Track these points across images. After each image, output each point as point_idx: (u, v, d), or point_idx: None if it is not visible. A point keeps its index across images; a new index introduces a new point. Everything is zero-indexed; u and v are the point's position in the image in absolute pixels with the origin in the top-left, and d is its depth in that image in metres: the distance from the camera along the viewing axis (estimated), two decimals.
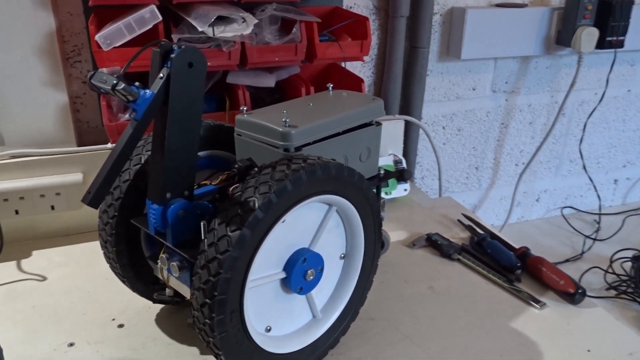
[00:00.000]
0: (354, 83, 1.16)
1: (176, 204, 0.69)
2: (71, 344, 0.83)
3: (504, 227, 1.65)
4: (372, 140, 0.89)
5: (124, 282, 0.83)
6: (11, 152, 1.07)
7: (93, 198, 0.62)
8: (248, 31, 0.94)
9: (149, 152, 0.78)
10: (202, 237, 0.66)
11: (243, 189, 0.65)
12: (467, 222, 1.20)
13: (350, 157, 0.86)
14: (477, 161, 1.62)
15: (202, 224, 0.67)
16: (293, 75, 1.16)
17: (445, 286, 0.99)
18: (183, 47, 0.65)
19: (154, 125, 0.68)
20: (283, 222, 0.68)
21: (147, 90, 0.63)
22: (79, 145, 1.13)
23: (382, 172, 0.94)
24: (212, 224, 0.64)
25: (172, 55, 0.64)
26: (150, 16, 0.92)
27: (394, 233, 1.16)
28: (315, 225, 0.75)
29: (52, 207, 1.09)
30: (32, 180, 1.06)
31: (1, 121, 1.06)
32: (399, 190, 1.30)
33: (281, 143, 0.76)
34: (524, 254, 1.04)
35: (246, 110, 0.82)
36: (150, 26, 0.93)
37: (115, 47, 0.94)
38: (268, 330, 0.73)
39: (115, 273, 0.82)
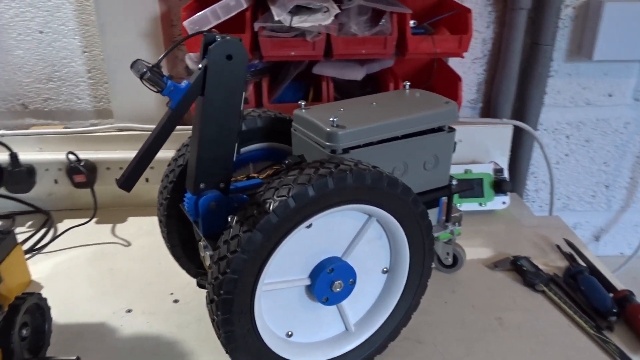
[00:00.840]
0: (450, 81, 1.06)
1: (208, 195, 0.69)
2: (129, 310, 0.89)
3: (631, 259, 1.41)
4: (441, 147, 0.80)
5: (176, 261, 0.86)
6: (118, 125, 1.18)
7: (125, 181, 0.64)
8: (328, 21, 0.90)
9: None
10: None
11: (265, 188, 0.63)
12: (567, 250, 1.04)
13: (412, 164, 0.79)
14: (609, 178, 1.40)
15: (229, 218, 0.66)
16: (386, 69, 1.10)
17: (516, 320, 0.87)
18: (223, 38, 0.63)
19: (194, 116, 0.68)
20: (308, 227, 0.64)
21: (185, 81, 0.63)
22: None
23: (454, 182, 0.85)
24: (231, 221, 0.63)
25: (210, 47, 0.63)
26: (235, 4, 0.93)
27: (477, 250, 1.05)
28: (350, 234, 0.70)
29: (147, 179, 1.17)
30: (132, 153, 1.15)
31: (111, 97, 1.17)
32: (496, 203, 1.18)
33: (327, 143, 0.72)
34: (624, 299, 0.87)
35: (305, 105, 0.79)
36: (234, 13, 0.94)
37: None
38: (289, 335, 0.71)
39: (169, 251, 0.86)
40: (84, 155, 1.13)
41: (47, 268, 1.00)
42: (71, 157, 1.12)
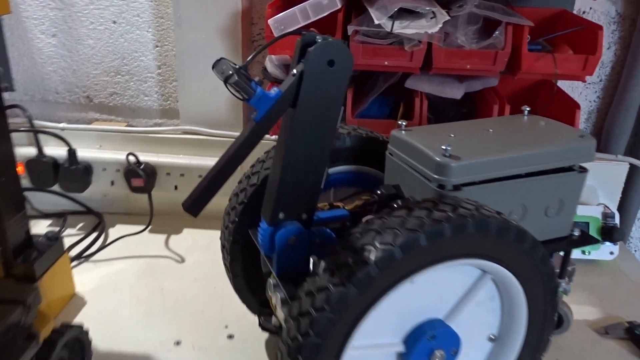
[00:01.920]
0: (566, 108, 0.91)
1: (287, 227, 0.57)
2: (178, 343, 0.78)
3: None
4: (569, 190, 0.66)
5: (236, 293, 0.75)
6: (184, 128, 1.08)
7: (193, 204, 0.53)
8: (435, 29, 0.77)
9: None
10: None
11: (363, 230, 0.50)
12: None
13: (532, 208, 0.64)
14: None
15: (311, 259, 0.54)
16: (488, 89, 0.95)
17: None
18: (326, 40, 0.51)
19: (280, 130, 0.57)
20: (411, 283, 0.51)
21: (275, 89, 0.52)
22: None
23: (576, 233, 0.70)
24: (318, 265, 0.50)
25: (310, 49, 0.51)
26: (328, 2, 0.81)
27: (582, 308, 0.88)
28: (458, 293, 0.56)
29: None
30: (195, 159, 1.06)
31: (179, 96, 1.08)
32: (603, 252, 1.01)
33: (435, 176, 0.58)
34: None
35: (406, 126, 0.66)
36: (327, 13, 0.83)
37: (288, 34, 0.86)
38: None
39: (230, 282, 0.74)
40: (144, 157, 1.05)
41: (93, 280, 0.91)
42: (131, 158, 1.03)
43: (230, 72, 0.48)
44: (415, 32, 0.78)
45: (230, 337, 0.80)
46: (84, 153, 1.04)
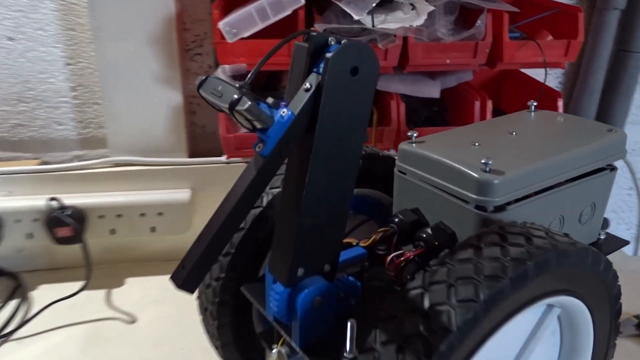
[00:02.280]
0: (547, 98, 0.85)
1: (311, 287, 0.44)
2: None
3: None
4: (601, 192, 0.58)
5: None
6: (115, 159, 0.90)
7: (189, 277, 0.39)
8: (420, 22, 0.67)
9: (276, 189, 0.55)
10: (347, 348, 0.40)
11: (426, 283, 0.38)
12: None
13: (568, 217, 0.56)
14: None
15: (349, 324, 0.42)
16: (462, 84, 0.87)
17: None
18: (345, 42, 0.39)
19: (288, 162, 0.44)
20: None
21: (284, 110, 0.39)
22: (190, 154, 0.94)
23: (602, 236, 0.63)
24: (371, 339, 0.38)
25: (328, 55, 0.38)
26: None
27: None
28: (524, 335, 0.46)
29: (153, 229, 0.90)
30: (133, 195, 0.88)
31: (106, 122, 0.90)
32: None
33: (475, 197, 0.48)
34: None
35: (416, 137, 0.55)
36: (290, 11, 0.70)
37: (242, 39, 0.72)
38: None
39: (216, 351, 0.60)
40: (69, 200, 0.86)
41: None
42: (53, 203, 0.84)
43: (236, 95, 0.34)
44: (399, 26, 0.67)
45: None
46: None
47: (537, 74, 1.02)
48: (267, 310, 0.48)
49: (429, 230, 0.50)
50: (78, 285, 0.84)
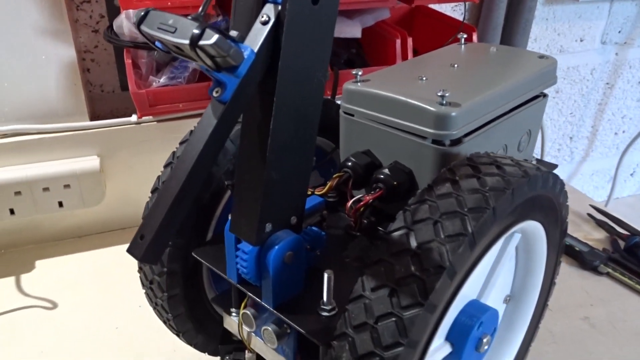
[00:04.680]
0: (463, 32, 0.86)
1: (282, 243, 0.40)
2: None
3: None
4: (535, 119, 0.60)
5: (177, 335, 0.55)
6: (4, 129, 0.78)
7: (149, 248, 0.34)
8: None
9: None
10: (324, 300, 0.38)
11: (409, 223, 0.37)
12: (600, 218, 0.92)
13: (510, 146, 0.57)
14: (573, 130, 1.33)
15: (325, 276, 0.40)
16: (379, 23, 0.85)
17: (604, 316, 0.72)
18: None
19: (245, 113, 0.39)
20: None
21: (245, 47, 0.34)
22: (92, 118, 0.84)
23: (534, 162, 0.66)
24: (358, 287, 0.36)
25: None
26: None
27: None
28: (487, 265, 0.47)
29: (60, 204, 0.80)
30: (32, 168, 0.78)
31: None
32: None
33: (433, 131, 0.47)
34: None
35: (361, 75, 0.53)
36: None
37: None
38: None
39: (166, 324, 0.55)
40: None
41: None
42: None
43: (196, 29, 0.29)
44: None
45: None
46: None
47: (441, 10, 1.03)
48: (229, 273, 0.45)
49: (387, 171, 0.49)
50: None
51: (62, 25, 0.76)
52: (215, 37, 0.28)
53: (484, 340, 0.45)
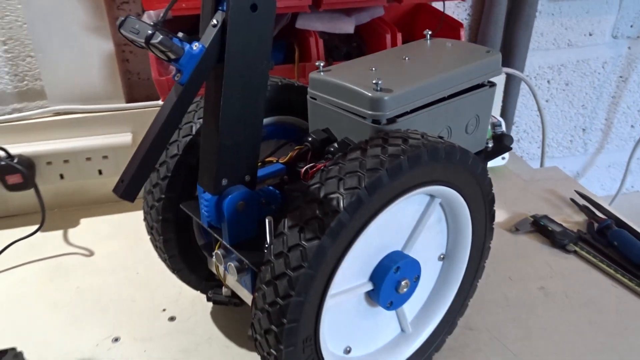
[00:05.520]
0: (451, 29, 0.94)
1: (235, 193, 0.53)
2: (116, 339, 0.71)
3: (615, 199, 1.40)
4: (483, 106, 0.69)
5: (174, 273, 0.69)
6: (55, 109, 0.95)
7: (127, 189, 0.47)
8: None
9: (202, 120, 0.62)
10: (267, 240, 0.50)
11: (322, 179, 0.48)
12: (583, 202, 0.98)
13: (455, 128, 0.67)
14: (586, 122, 1.37)
15: (267, 220, 0.51)
16: (376, 19, 0.95)
17: (560, 287, 0.80)
18: None
19: (206, 90, 0.51)
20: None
21: (197, 44, 0.46)
22: (128, 101, 1.00)
23: (489, 145, 0.75)
24: (281, 225, 0.48)
25: None
26: None
27: None
28: (411, 222, 0.57)
29: (100, 172, 0.97)
30: (77, 141, 0.94)
31: (42, 74, 0.93)
32: (496, 159, 1.09)
33: (370, 112, 0.57)
34: None
35: (323, 66, 0.64)
36: None
37: None
38: (347, 351, 0.58)
39: (165, 263, 0.69)
40: (15, 149, 0.91)
41: None
42: (0, 153, 0.89)
43: (150, 31, 0.41)
44: None
45: (172, 319, 0.75)
46: None
47: (445, 7, 1.11)
48: (202, 218, 0.57)
49: (336, 145, 0.60)
50: (34, 228, 0.91)
51: (102, 23, 0.91)
52: (160, 37, 0.41)
53: (403, 282, 0.56)
